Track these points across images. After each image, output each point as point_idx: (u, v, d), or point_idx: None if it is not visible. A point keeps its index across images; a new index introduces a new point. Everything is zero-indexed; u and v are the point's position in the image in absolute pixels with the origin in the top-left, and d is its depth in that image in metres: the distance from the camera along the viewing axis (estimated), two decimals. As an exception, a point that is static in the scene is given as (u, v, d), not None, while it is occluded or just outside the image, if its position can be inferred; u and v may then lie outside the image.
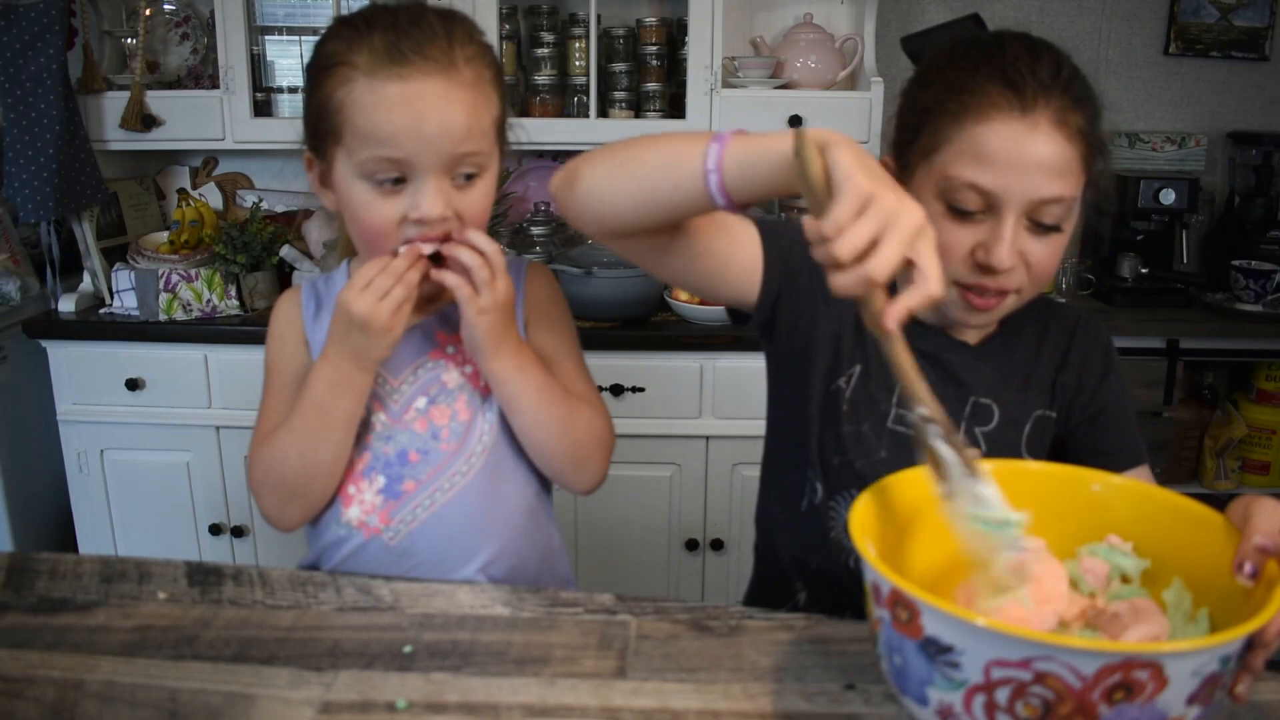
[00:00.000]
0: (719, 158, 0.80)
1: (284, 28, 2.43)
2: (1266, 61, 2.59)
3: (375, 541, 1.04)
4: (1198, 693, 0.61)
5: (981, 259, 0.93)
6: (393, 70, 0.91)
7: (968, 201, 0.92)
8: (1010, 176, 0.90)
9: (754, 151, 0.80)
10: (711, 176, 0.80)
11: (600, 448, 1.07)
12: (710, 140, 0.81)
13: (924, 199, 0.94)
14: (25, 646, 0.85)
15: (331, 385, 0.99)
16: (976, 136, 0.91)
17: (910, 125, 0.98)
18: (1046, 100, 0.90)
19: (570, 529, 2.19)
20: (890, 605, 0.66)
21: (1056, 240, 0.94)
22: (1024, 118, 0.89)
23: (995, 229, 0.92)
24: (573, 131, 2.29)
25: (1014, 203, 0.91)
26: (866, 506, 0.76)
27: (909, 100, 1.00)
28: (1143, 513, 0.80)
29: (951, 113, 0.92)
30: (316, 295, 1.10)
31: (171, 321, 2.14)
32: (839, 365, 1.04)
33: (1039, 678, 0.59)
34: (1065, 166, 0.90)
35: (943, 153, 0.93)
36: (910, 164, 0.98)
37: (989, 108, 0.90)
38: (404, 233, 0.96)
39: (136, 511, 2.23)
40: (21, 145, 2.08)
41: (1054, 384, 1.06)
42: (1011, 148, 0.89)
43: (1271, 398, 2.49)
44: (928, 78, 0.98)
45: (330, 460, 1.02)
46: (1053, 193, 0.90)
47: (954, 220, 0.93)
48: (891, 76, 2.53)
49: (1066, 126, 0.90)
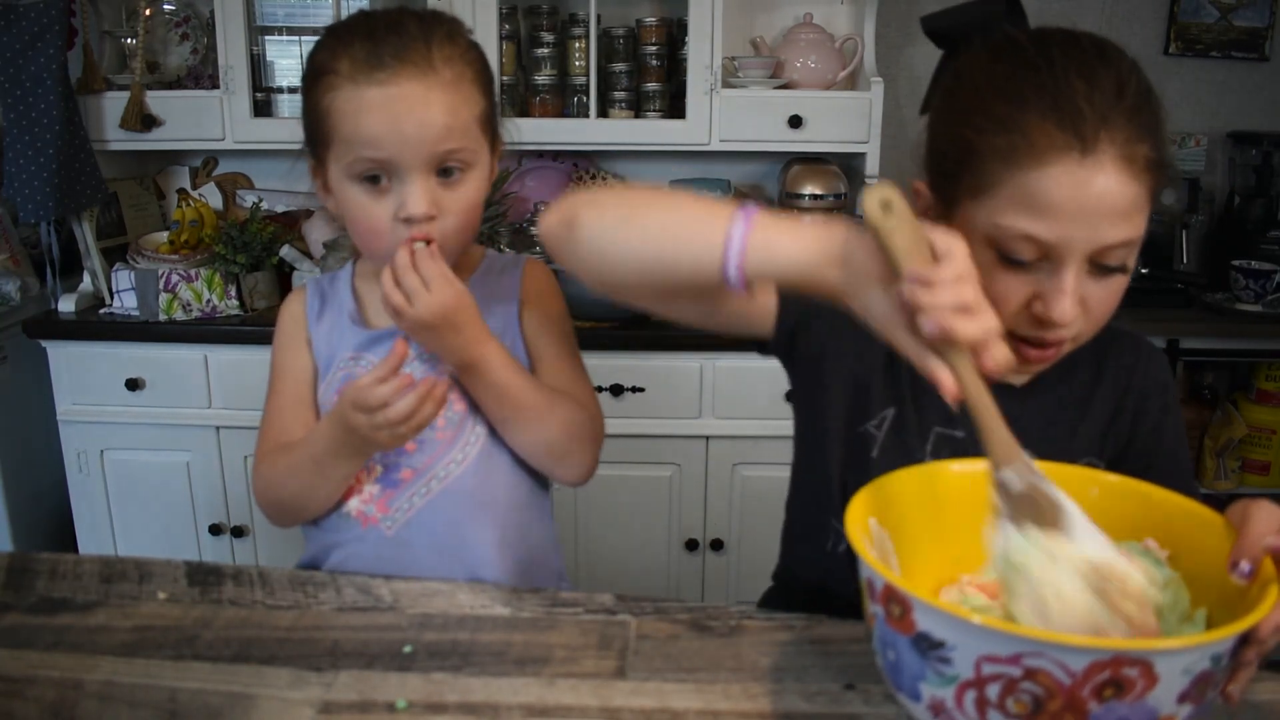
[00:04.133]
0: (744, 240, 0.75)
1: (284, 28, 2.43)
2: (1266, 61, 2.59)
3: (373, 532, 1.05)
4: (1189, 691, 0.61)
5: (1040, 312, 0.84)
6: (372, 75, 0.95)
7: (1023, 252, 0.83)
8: (1072, 227, 0.80)
9: (783, 231, 0.75)
10: (732, 260, 0.76)
11: (581, 441, 1.07)
12: (732, 221, 0.76)
13: (972, 243, 0.82)
14: (25, 646, 0.85)
15: (331, 451, 1.00)
16: (1031, 184, 0.80)
17: (951, 159, 0.87)
18: (1110, 135, 0.79)
19: (570, 529, 2.19)
20: (884, 601, 0.66)
21: (1119, 281, 0.86)
22: (1084, 160, 0.79)
23: (1054, 280, 0.83)
24: (573, 131, 2.29)
25: (1076, 253, 0.81)
26: (863, 503, 0.76)
27: (946, 129, 0.89)
28: (1142, 514, 0.80)
29: (1000, 154, 0.82)
30: (321, 295, 1.12)
31: (171, 321, 2.14)
32: (868, 407, 0.98)
33: (1029, 674, 0.60)
34: (1132, 206, 0.81)
35: (993, 197, 0.83)
36: (954, 200, 0.87)
37: (1044, 150, 0.80)
38: (395, 232, 0.98)
39: (136, 511, 2.23)
40: (21, 145, 2.08)
41: (1107, 429, 0.98)
42: (1072, 195, 0.79)
43: (1271, 398, 2.49)
44: (968, 106, 0.86)
45: (327, 498, 1.05)
46: (1118, 238, 0.81)
47: (1007, 270, 0.84)
48: (891, 76, 2.53)
49: (1133, 163, 0.80)
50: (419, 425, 0.94)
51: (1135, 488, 0.82)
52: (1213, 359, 2.43)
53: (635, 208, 0.83)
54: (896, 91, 2.57)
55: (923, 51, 2.58)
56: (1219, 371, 2.59)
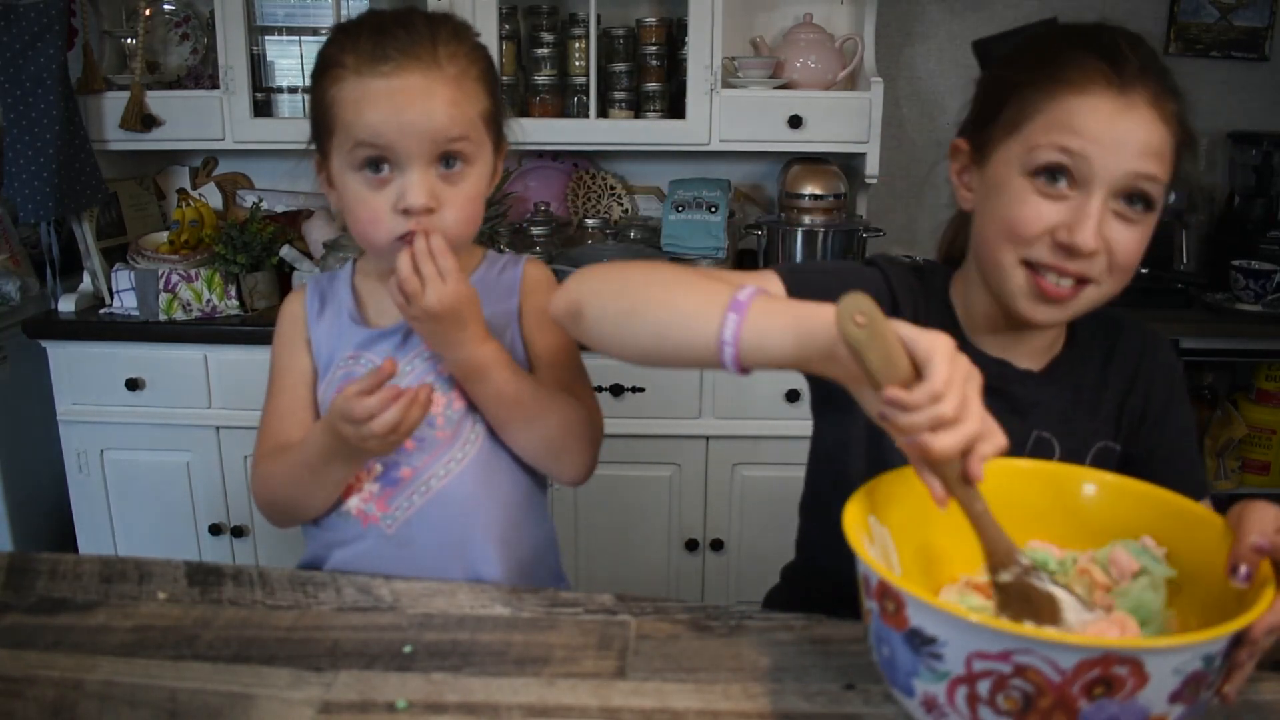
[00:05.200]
0: (737, 329, 0.77)
1: (284, 28, 2.43)
2: (1266, 61, 2.59)
3: (373, 531, 1.05)
4: (1180, 691, 0.61)
5: (1064, 239, 0.88)
6: (376, 68, 0.96)
7: (1054, 163, 0.88)
8: (1103, 149, 0.86)
9: (774, 318, 0.77)
10: (727, 349, 0.78)
11: (580, 440, 1.08)
12: (725, 318, 0.78)
13: (1005, 176, 0.91)
14: (25, 646, 0.85)
15: (325, 457, 1.00)
16: (1070, 107, 0.87)
17: (993, 101, 0.94)
18: (1144, 82, 0.87)
19: (570, 529, 2.19)
20: (879, 597, 0.67)
21: (1143, 227, 0.90)
22: (1121, 95, 0.87)
23: (1081, 207, 0.88)
24: (573, 131, 2.29)
25: (1103, 179, 0.87)
26: (863, 501, 0.76)
27: (992, 79, 0.97)
28: (1138, 512, 0.80)
29: (1043, 86, 0.89)
30: (320, 295, 1.12)
31: (171, 321, 2.14)
32: None
33: (1019, 670, 0.60)
34: (1160, 148, 0.88)
35: (1032, 123, 0.90)
36: (989, 141, 0.94)
37: (1085, 81, 0.87)
38: (394, 223, 0.98)
39: (136, 511, 2.23)
40: (21, 145, 2.08)
41: (1120, 410, 1.02)
42: (1107, 123, 0.86)
43: (1271, 398, 2.49)
44: (1017, 56, 0.95)
45: (323, 501, 1.06)
46: (1146, 169, 0.87)
47: (1037, 195, 0.89)
48: (891, 76, 2.53)
49: (1163, 110, 0.88)
50: (406, 433, 0.95)
51: (1132, 486, 0.82)
52: (1213, 359, 2.43)
53: (634, 302, 0.86)
54: (896, 91, 2.57)
55: (922, 51, 2.58)
56: (1219, 371, 2.59)
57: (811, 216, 2.25)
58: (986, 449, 0.69)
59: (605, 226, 2.40)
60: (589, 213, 2.53)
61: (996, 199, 0.93)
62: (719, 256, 2.29)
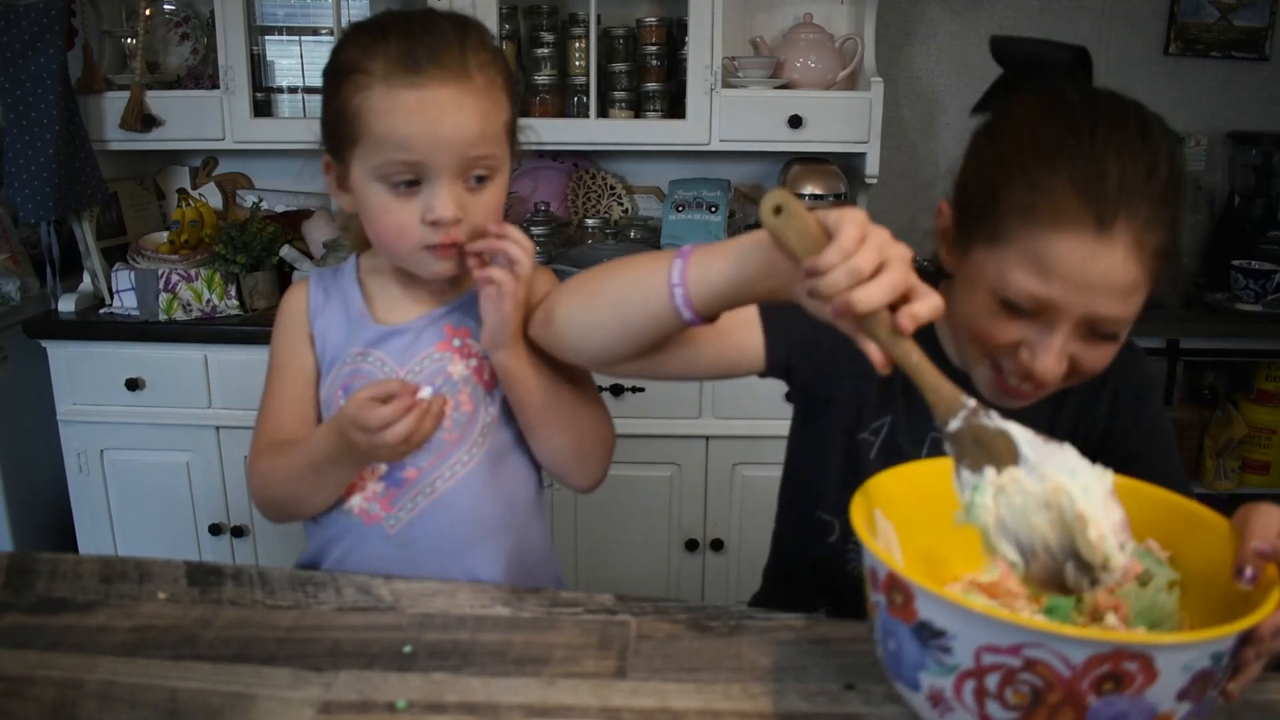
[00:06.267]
0: (683, 270, 0.82)
1: (284, 28, 2.43)
2: (1266, 61, 2.59)
3: (376, 530, 1.05)
4: (1188, 689, 0.61)
5: (1025, 361, 0.87)
6: (408, 78, 0.94)
7: (1023, 304, 0.85)
8: (1072, 293, 0.82)
9: (713, 253, 0.82)
10: (676, 290, 0.83)
11: (603, 445, 1.11)
12: (670, 264, 0.83)
13: (977, 285, 0.88)
14: (25, 646, 0.85)
15: (330, 458, 1.00)
16: (1042, 245, 0.82)
17: (977, 201, 0.89)
18: (1128, 217, 0.81)
19: (570, 529, 2.19)
20: (886, 589, 0.67)
21: (1110, 347, 0.88)
22: (1098, 235, 0.81)
23: (1045, 336, 0.85)
24: (573, 131, 2.29)
25: (1070, 316, 0.84)
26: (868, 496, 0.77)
27: (979, 170, 0.91)
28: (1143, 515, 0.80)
29: (1021, 210, 0.84)
30: (324, 289, 1.11)
31: (171, 321, 2.14)
32: (864, 416, 1.02)
33: (1028, 665, 0.60)
34: (1134, 287, 0.83)
35: (1006, 248, 0.85)
36: (970, 239, 0.90)
37: (1062, 217, 0.81)
38: (421, 234, 0.98)
39: (136, 511, 2.23)
40: (21, 145, 2.07)
41: (1077, 425, 1.01)
42: (1078, 265, 0.81)
43: (1271, 398, 2.49)
44: (1004, 155, 0.87)
45: (325, 500, 1.06)
46: (1114, 312, 0.84)
47: (1004, 315, 0.87)
48: (891, 76, 2.53)
49: (1143, 249, 0.82)
50: (418, 443, 0.94)
51: (1137, 489, 0.82)
52: (1213, 359, 2.43)
53: (595, 286, 0.93)
54: (896, 91, 2.57)
55: (923, 51, 2.58)
56: (1219, 371, 2.58)
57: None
58: (920, 308, 0.70)
59: (605, 226, 2.40)
60: (589, 213, 2.54)
61: (968, 296, 0.91)
62: (719, 256, 2.29)
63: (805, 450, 1.10)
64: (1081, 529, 0.66)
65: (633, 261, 0.90)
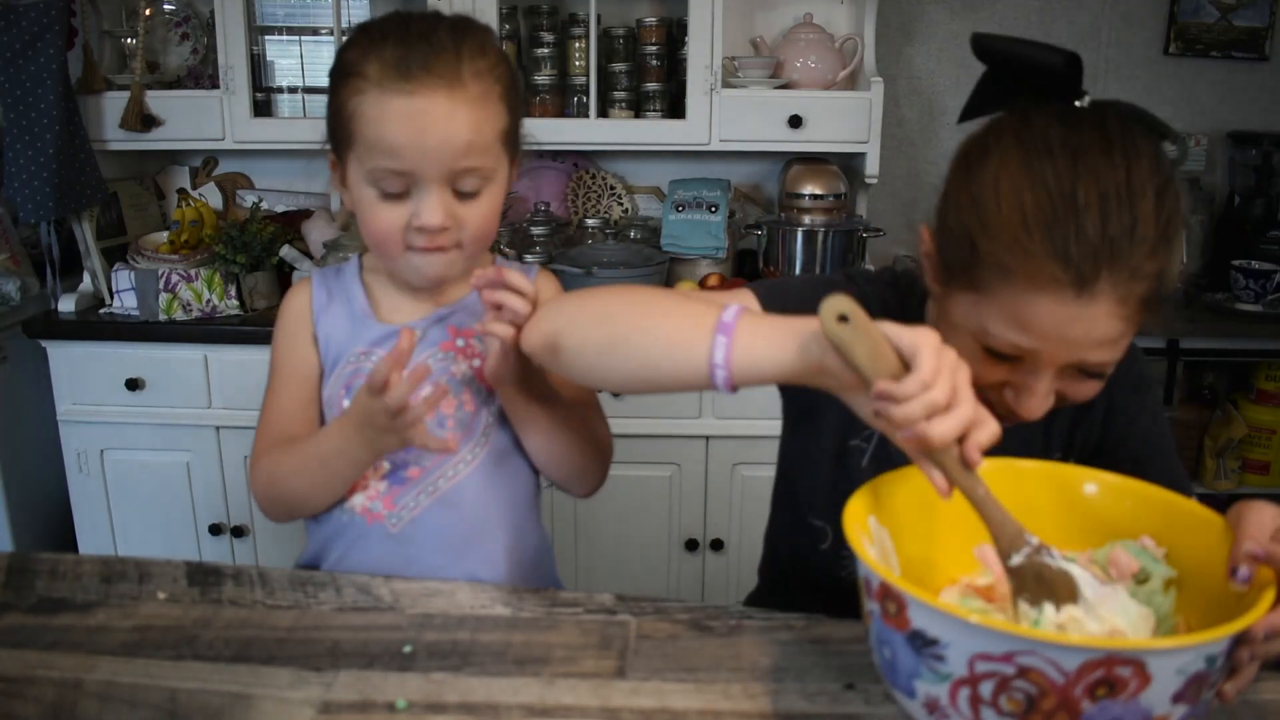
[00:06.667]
0: (727, 352, 0.77)
1: (284, 28, 2.43)
2: (1266, 61, 2.59)
3: (377, 529, 1.05)
4: (1183, 692, 0.61)
5: (1010, 402, 0.86)
6: (399, 84, 0.93)
7: (1004, 351, 0.83)
8: (1054, 347, 0.81)
9: (764, 336, 0.77)
10: (719, 372, 0.78)
11: (604, 456, 1.11)
12: (715, 330, 0.78)
13: (959, 328, 0.86)
14: (25, 646, 0.85)
15: (340, 453, 1.00)
16: (1022, 305, 0.79)
17: (954, 245, 0.85)
18: (1111, 276, 0.77)
19: (570, 529, 2.19)
20: (880, 598, 0.67)
21: (1098, 382, 0.87)
22: (1079, 297, 0.78)
23: (1029, 379, 0.84)
24: (573, 131, 2.29)
25: (1054, 364, 0.83)
26: (863, 502, 0.77)
27: (958, 216, 0.85)
28: (1138, 512, 0.80)
29: (1000, 269, 0.80)
30: (327, 289, 1.11)
31: (171, 321, 2.14)
32: (856, 423, 0.97)
33: (1022, 672, 0.60)
34: (1119, 337, 0.81)
35: (986, 302, 0.82)
36: (951, 283, 0.87)
37: (1042, 280, 0.78)
38: (409, 239, 0.98)
39: (136, 511, 2.23)
40: (21, 145, 2.08)
41: (1073, 426, 1.01)
42: (1059, 325, 0.79)
43: (1271, 398, 2.49)
44: (981, 199, 0.82)
45: (330, 496, 1.05)
46: (1098, 360, 0.83)
47: (987, 358, 0.85)
48: (891, 76, 2.53)
49: (1127, 303, 0.79)
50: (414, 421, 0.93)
51: (1132, 487, 0.82)
52: (1213, 359, 2.43)
53: (615, 331, 0.84)
54: (896, 91, 2.57)
55: (923, 51, 2.58)
56: (1219, 371, 2.59)
57: (811, 216, 2.25)
58: (982, 436, 0.70)
59: (605, 226, 2.40)
60: (589, 213, 2.53)
61: (951, 336, 0.84)
62: (719, 256, 2.29)
63: (796, 456, 1.10)
64: None
65: (658, 313, 0.83)
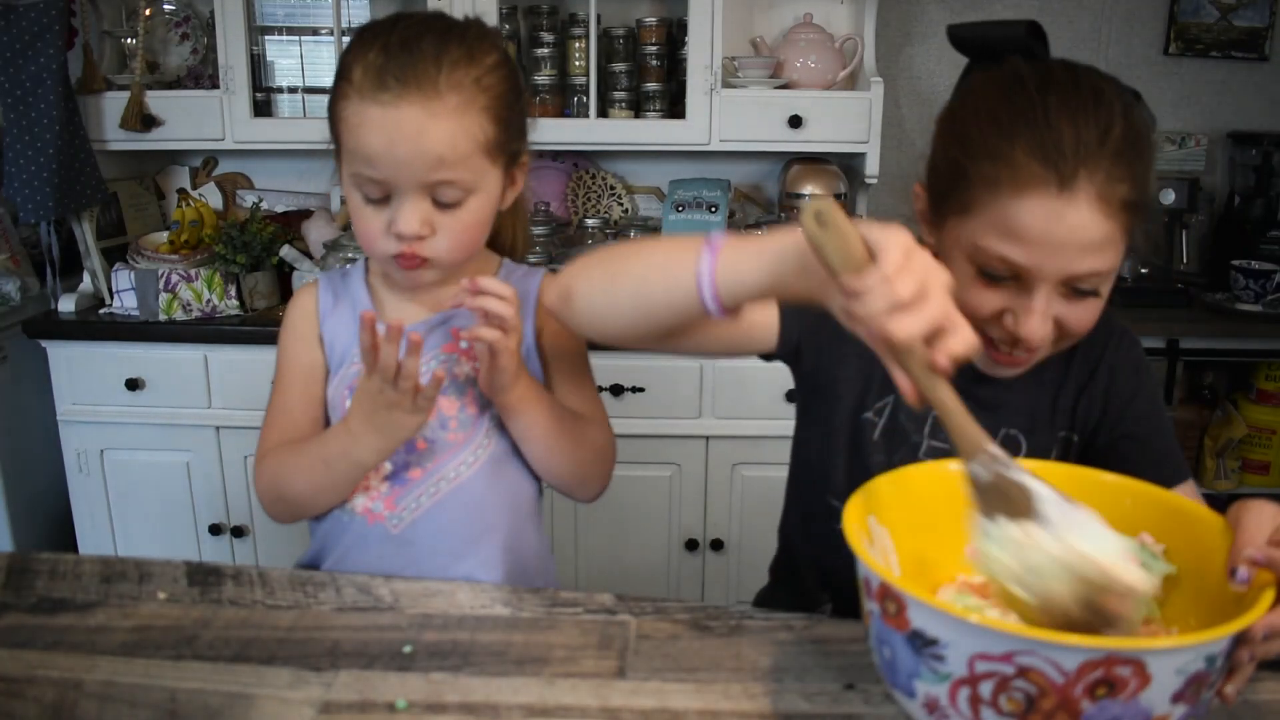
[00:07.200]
0: (712, 265, 0.80)
1: (284, 28, 2.43)
2: (1266, 61, 2.59)
3: (378, 529, 1.05)
4: (1183, 691, 0.61)
5: (1010, 327, 0.89)
6: (375, 94, 0.94)
7: (999, 270, 0.87)
8: (1044, 254, 0.85)
9: (745, 249, 0.80)
10: (705, 285, 0.80)
11: (604, 463, 1.11)
12: (702, 247, 0.81)
13: (954, 257, 0.91)
14: (25, 646, 0.85)
15: (343, 455, 1.01)
16: (1009, 211, 0.85)
17: (944, 176, 0.92)
18: (1089, 173, 0.83)
19: (570, 529, 2.19)
20: (880, 598, 0.67)
21: (1094, 303, 0.90)
22: (1061, 194, 0.83)
23: (1026, 300, 0.88)
24: (573, 131, 2.29)
25: (1047, 278, 0.86)
26: (862, 501, 0.77)
27: (944, 149, 0.93)
28: (1138, 512, 0.80)
29: (985, 180, 0.86)
30: (333, 291, 1.11)
31: (171, 321, 2.14)
32: (868, 398, 1.03)
33: (1021, 672, 0.60)
34: (1105, 241, 0.85)
35: (975, 218, 0.87)
36: (943, 214, 0.92)
37: (1024, 182, 0.84)
38: (387, 243, 0.98)
39: (136, 511, 2.23)
40: (21, 145, 2.08)
41: (1076, 403, 1.02)
42: (1046, 226, 0.84)
43: (1271, 398, 2.49)
44: (964, 130, 0.91)
45: (335, 497, 1.06)
46: (1089, 268, 0.86)
47: (983, 284, 0.89)
48: (891, 76, 2.53)
49: (1109, 202, 0.84)
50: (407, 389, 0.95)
51: (1131, 485, 0.82)
52: (1213, 359, 2.43)
53: (616, 266, 0.90)
54: (896, 91, 2.57)
55: (922, 51, 2.58)
56: (1219, 371, 2.58)
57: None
58: (954, 342, 0.68)
59: (605, 226, 2.40)
60: (589, 213, 2.54)
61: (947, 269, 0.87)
62: (719, 256, 2.29)
63: (813, 438, 1.10)
64: (1107, 593, 0.67)
65: (656, 246, 0.88)
